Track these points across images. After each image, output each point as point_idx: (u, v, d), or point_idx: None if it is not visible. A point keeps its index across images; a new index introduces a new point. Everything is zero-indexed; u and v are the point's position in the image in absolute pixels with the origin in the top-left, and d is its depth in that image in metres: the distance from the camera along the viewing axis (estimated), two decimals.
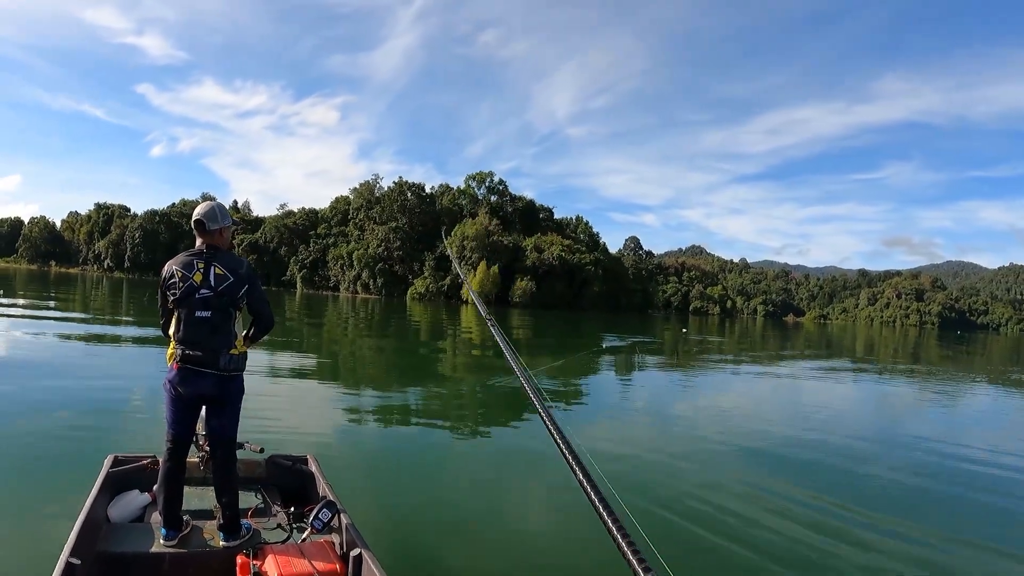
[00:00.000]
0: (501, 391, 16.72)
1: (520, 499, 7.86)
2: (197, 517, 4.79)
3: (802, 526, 7.33)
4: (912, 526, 7.72)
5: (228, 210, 4.79)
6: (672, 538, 6.73)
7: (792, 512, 7.83)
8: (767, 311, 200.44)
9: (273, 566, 3.99)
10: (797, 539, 6.91)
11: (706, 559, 6.35)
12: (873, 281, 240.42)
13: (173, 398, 4.51)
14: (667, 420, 14.48)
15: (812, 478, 9.68)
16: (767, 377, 26.55)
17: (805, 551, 6.62)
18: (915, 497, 9.25)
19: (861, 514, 7.96)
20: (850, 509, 8.11)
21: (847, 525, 7.50)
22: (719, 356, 35.69)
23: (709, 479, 9.14)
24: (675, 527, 7.08)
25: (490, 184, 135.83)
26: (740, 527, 7.15)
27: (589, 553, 6.29)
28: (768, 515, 7.60)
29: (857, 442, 13.05)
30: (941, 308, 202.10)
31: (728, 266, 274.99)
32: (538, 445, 10.89)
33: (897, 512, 8.23)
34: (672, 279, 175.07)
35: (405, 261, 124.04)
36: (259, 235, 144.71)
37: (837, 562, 6.41)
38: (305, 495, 5.51)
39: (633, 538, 1.96)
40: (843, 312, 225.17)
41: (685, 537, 6.83)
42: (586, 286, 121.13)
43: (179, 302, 4.44)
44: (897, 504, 8.69)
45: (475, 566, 5.64)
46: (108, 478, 5.14)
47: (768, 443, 12.14)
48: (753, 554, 6.43)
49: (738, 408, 16.74)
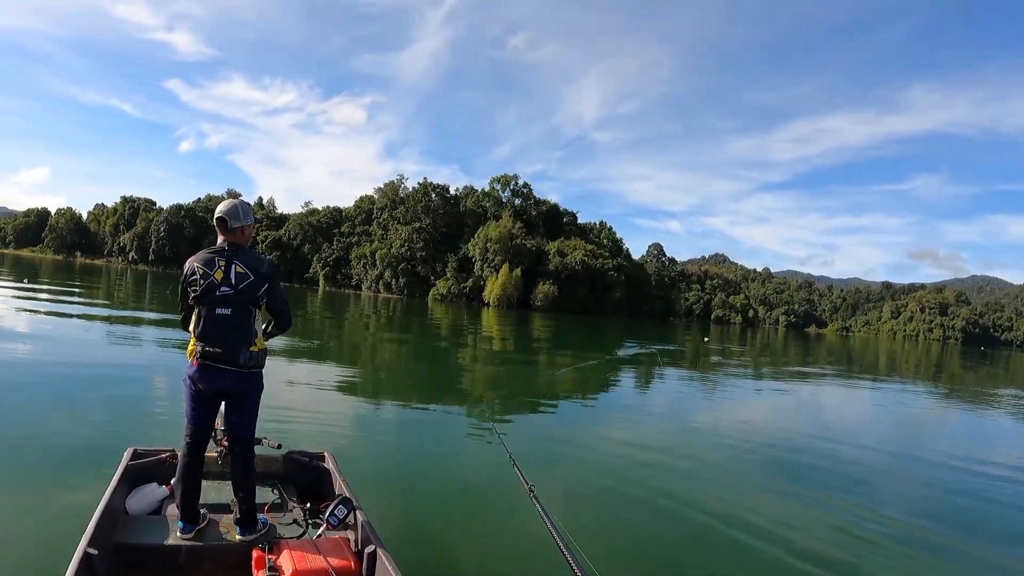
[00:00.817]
0: (520, 392, 16.73)
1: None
2: (214, 511, 4.84)
3: (817, 536, 7.30)
4: (935, 542, 7.66)
5: (251, 208, 4.83)
6: (702, 545, 6.74)
7: (807, 522, 7.79)
8: (789, 321, 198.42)
9: (288, 561, 4.02)
10: (811, 551, 6.87)
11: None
12: (897, 294, 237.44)
13: (193, 394, 4.56)
14: (684, 431, 14.41)
15: (828, 491, 9.60)
16: (791, 392, 26.39)
17: (820, 561, 6.59)
18: (941, 513, 9.16)
19: (882, 530, 7.90)
20: (871, 522, 8.06)
21: (866, 539, 7.44)
22: (739, 367, 35.43)
23: (725, 490, 9.11)
24: (706, 532, 7.09)
25: (515, 187, 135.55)
26: (760, 537, 7.13)
27: (606, 553, 6.29)
28: (788, 527, 7.57)
29: (879, 457, 12.95)
30: (965, 323, 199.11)
31: (751, 275, 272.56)
32: (556, 447, 10.91)
33: (921, 528, 8.17)
34: (695, 287, 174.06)
35: (428, 262, 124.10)
36: (283, 232, 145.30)
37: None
38: (321, 491, 5.55)
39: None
40: (866, 325, 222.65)
41: (715, 543, 6.83)
42: (608, 292, 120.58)
43: (200, 299, 4.48)
44: (921, 519, 8.60)
45: (489, 565, 5.66)
46: (127, 470, 5.21)
47: (788, 455, 12.07)
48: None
49: (755, 421, 16.63)
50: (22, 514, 5.94)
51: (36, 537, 5.45)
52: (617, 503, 8.17)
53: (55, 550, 4.47)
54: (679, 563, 6.49)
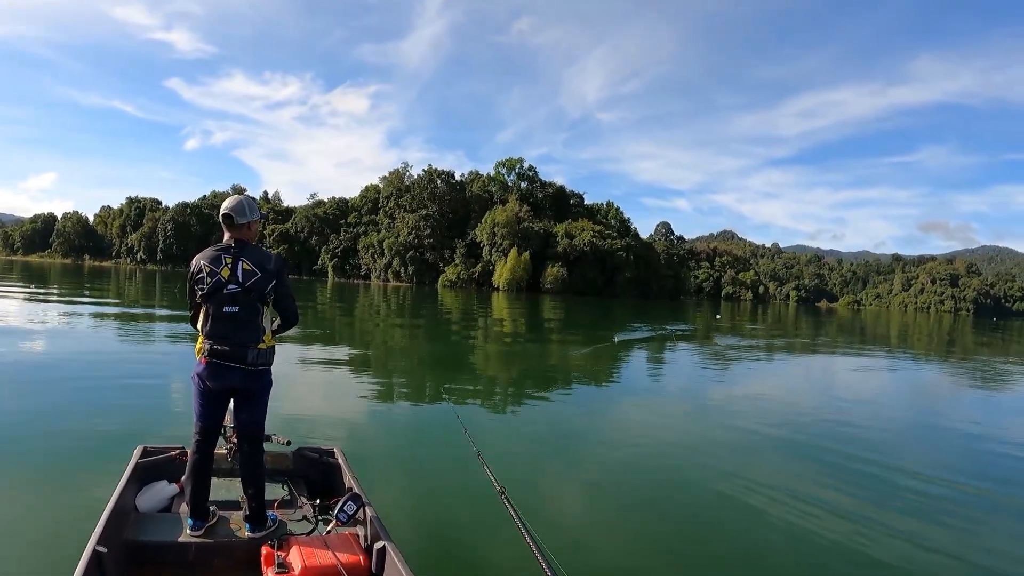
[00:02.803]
0: (532, 383, 16.72)
1: (549, 495, 7.84)
2: (224, 508, 4.85)
3: (828, 519, 7.28)
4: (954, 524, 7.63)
5: (257, 203, 4.80)
6: (719, 530, 6.75)
7: (820, 502, 7.78)
8: (800, 296, 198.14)
9: (298, 557, 4.03)
10: (822, 533, 6.86)
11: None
12: (907, 266, 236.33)
13: (201, 391, 4.56)
14: (698, 409, 14.40)
15: (843, 472, 9.57)
16: (810, 365, 26.36)
17: (830, 544, 6.58)
18: (961, 487, 9.10)
19: (893, 511, 7.88)
20: (881, 507, 8.04)
21: (877, 523, 7.42)
22: (752, 346, 35.38)
23: (738, 469, 9.09)
24: (717, 515, 7.09)
25: (520, 170, 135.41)
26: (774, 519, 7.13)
27: (624, 548, 6.29)
28: (802, 503, 7.57)
29: (893, 433, 12.90)
30: (976, 294, 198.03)
31: (760, 251, 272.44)
32: (570, 440, 10.88)
33: (936, 510, 8.14)
34: (704, 264, 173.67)
35: (436, 248, 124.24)
36: (290, 225, 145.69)
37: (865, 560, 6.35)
38: (331, 487, 5.55)
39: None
40: (877, 298, 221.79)
41: (732, 528, 6.84)
42: (618, 272, 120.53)
43: (207, 297, 4.46)
44: (935, 501, 8.57)
45: (498, 561, 5.65)
46: (137, 468, 5.23)
47: (808, 435, 12.02)
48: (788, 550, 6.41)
49: (771, 397, 16.58)
50: (33, 512, 5.97)
51: (46, 535, 5.47)
52: (633, 496, 8.17)
53: (65, 548, 4.47)
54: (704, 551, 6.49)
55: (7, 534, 5.48)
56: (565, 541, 6.03)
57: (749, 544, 6.50)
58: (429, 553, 5.47)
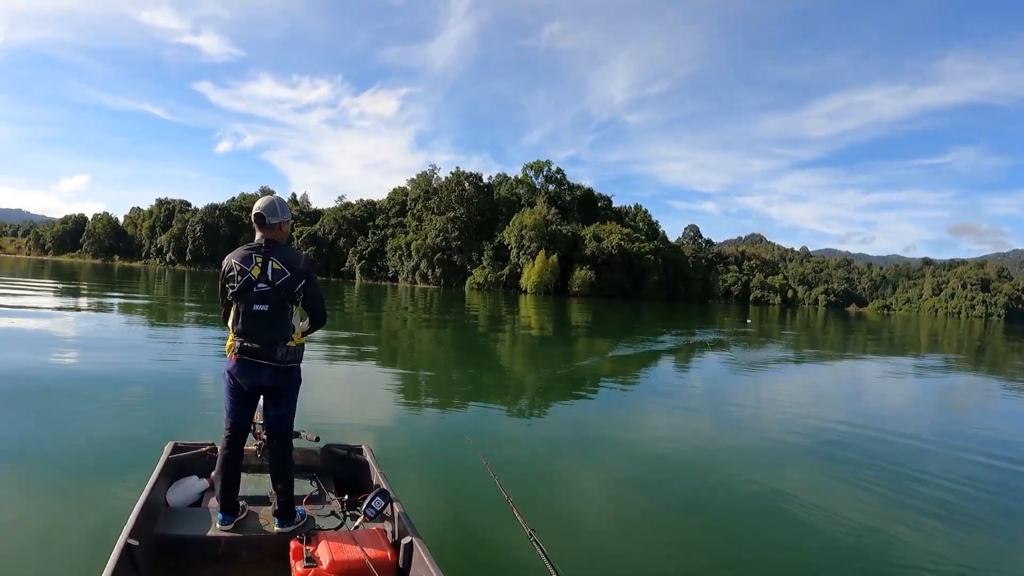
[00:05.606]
0: (560, 381, 16.72)
1: (575, 491, 7.85)
2: (253, 503, 4.91)
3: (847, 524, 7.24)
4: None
5: (288, 204, 4.87)
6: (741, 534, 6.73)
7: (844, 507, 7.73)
8: (829, 301, 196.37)
9: (326, 552, 4.07)
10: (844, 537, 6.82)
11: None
12: (937, 270, 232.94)
13: (232, 388, 4.62)
14: (722, 416, 14.33)
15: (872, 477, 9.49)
16: (839, 372, 26.15)
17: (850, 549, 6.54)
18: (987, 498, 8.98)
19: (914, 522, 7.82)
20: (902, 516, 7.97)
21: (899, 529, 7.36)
22: (788, 355, 35.10)
23: (764, 477, 9.05)
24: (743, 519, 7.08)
25: (547, 173, 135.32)
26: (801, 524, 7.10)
27: (644, 545, 6.29)
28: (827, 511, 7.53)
29: (923, 443, 12.73)
30: (1008, 299, 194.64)
31: (789, 255, 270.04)
32: (595, 436, 10.88)
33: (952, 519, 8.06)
34: (732, 268, 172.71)
35: (463, 251, 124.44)
36: (318, 227, 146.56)
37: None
38: (359, 484, 5.60)
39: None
40: (907, 302, 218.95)
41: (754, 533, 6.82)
42: (646, 275, 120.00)
43: (237, 295, 4.53)
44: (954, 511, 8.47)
45: (524, 557, 5.66)
46: (168, 463, 5.31)
47: (837, 444, 11.93)
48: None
49: (800, 405, 16.45)
50: (66, 506, 6.06)
51: (80, 528, 5.55)
52: (652, 501, 8.17)
53: (98, 541, 4.55)
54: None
55: (43, 527, 5.57)
56: (577, 548, 6.07)
57: (771, 551, 6.46)
58: (455, 549, 5.48)
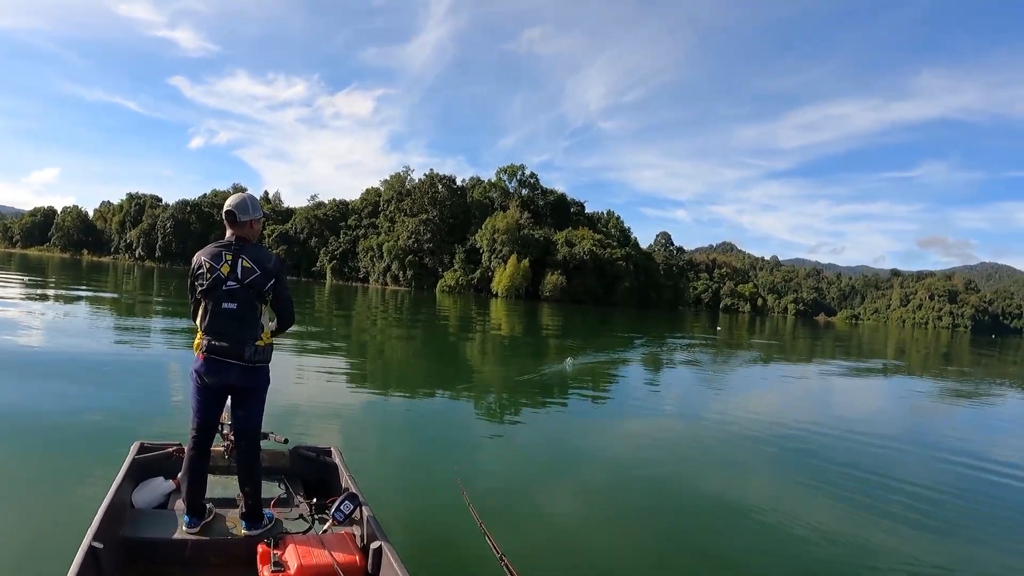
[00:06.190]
0: (528, 386, 16.70)
1: (546, 496, 7.83)
2: (220, 505, 4.85)
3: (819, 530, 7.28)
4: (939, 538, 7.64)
5: (259, 202, 4.81)
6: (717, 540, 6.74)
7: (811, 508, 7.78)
8: (798, 310, 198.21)
9: (294, 556, 4.02)
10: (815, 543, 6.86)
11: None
12: (906, 282, 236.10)
13: (199, 387, 4.56)
14: (692, 425, 14.39)
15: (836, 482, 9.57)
16: (806, 380, 26.36)
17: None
18: (953, 502, 9.08)
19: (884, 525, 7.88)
20: (873, 519, 8.03)
21: (869, 535, 7.42)
22: (757, 360, 35.38)
23: (731, 487, 9.10)
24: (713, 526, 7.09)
25: (521, 177, 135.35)
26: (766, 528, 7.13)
27: (620, 550, 6.28)
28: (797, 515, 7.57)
29: (889, 450, 12.86)
30: (974, 311, 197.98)
31: (759, 263, 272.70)
32: (566, 442, 10.88)
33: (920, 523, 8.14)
34: (703, 276, 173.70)
35: (435, 253, 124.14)
36: (289, 226, 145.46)
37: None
38: (328, 487, 5.54)
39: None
40: (875, 312, 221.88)
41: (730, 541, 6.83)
42: (617, 281, 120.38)
43: (206, 293, 4.47)
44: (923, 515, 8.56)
45: (490, 563, 5.63)
46: (133, 464, 5.21)
47: (806, 450, 12.02)
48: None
49: (773, 412, 16.57)
50: (28, 507, 5.95)
51: (42, 530, 5.45)
52: (618, 507, 8.18)
53: (61, 543, 4.46)
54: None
55: (6, 531, 5.45)
56: (540, 552, 6.06)
57: (744, 556, 6.48)
58: (424, 554, 5.45)
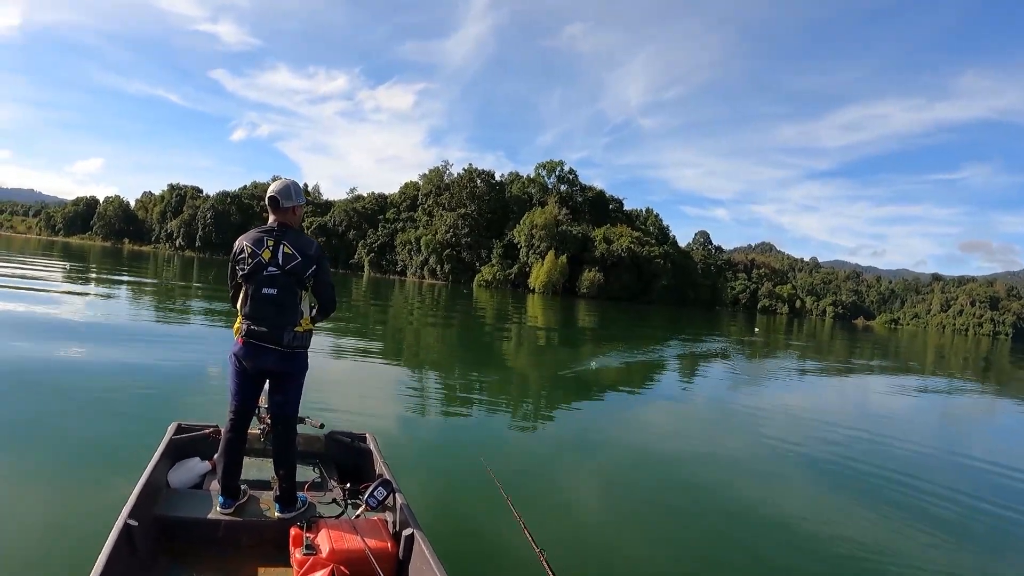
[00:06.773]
0: (564, 379, 16.67)
1: (577, 487, 7.81)
2: (255, 487, 4.88)
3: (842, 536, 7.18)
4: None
5: (302, 189, 4.82)
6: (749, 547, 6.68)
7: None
8: (836, 313, 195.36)
9: (326, 540, 4.02)
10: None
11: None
12: (946, 286, 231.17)
13: (237, 371, 4.59)
14: (728, 427, 14.25)
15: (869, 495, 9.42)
16: (844, 385, 26.03)
17: None
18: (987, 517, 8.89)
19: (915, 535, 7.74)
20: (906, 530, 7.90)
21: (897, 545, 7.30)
22: (791, 365, 34.97)
23: (768, 492, 9.00)
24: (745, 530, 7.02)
25: (560, 173, 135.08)
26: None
27: (646, 545, 6.24)
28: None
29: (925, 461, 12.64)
30: (1016, 318, 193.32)
31: (798, 265, 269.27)
32: (600, 439, 10.83)
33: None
34: (741, 276, 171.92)
35: (473, 248, 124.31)
36: (328, 218, 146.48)
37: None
38: (362, 472, 5.56)
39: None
40: (915, 317, 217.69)
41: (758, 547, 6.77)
42: (654, 279, 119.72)
43: (247, 278, 4.48)
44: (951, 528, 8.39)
45: (525, 552, 5.61)
46: (170, 444, 5.28)
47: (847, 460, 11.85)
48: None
49: (817, 419, 16.36)
50: (67, 485, 6.05)
51: (81, 508, 5.54)
52: (649, 505, 8.12)
53: (97, 520, 4.51)
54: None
55: (44, 506, 5.56)
56: (576, 547, 6.03)
57: (774, 561, 6.41)
58: (456, 542, 5.43)
